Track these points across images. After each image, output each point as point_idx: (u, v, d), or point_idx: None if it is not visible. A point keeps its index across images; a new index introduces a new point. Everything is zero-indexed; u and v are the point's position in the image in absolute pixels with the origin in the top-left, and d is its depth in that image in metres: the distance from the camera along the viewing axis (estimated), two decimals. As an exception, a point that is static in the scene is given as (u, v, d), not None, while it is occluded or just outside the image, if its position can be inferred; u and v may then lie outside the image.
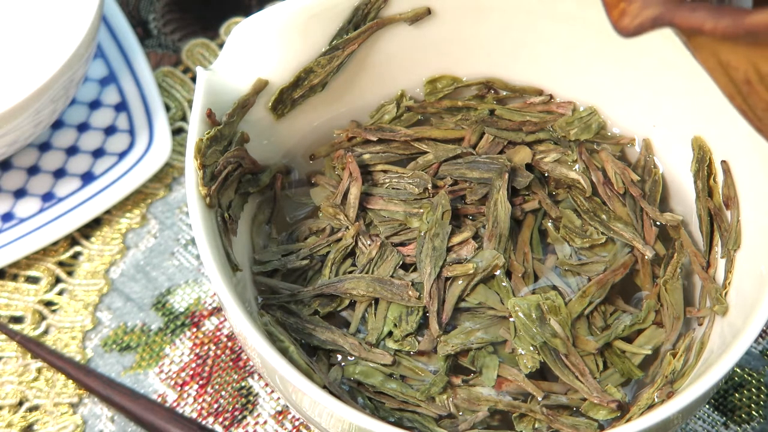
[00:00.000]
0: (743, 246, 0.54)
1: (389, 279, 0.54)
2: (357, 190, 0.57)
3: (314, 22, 0.58)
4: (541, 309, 0.53)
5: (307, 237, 0.57)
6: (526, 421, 0.52)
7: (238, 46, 0.56)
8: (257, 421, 0.60)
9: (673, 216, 0.57)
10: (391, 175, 0.59)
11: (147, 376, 0.62)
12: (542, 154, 0.59)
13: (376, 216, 0.57)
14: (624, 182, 0.58)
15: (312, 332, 0.53)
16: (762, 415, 0.60)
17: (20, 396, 0.61)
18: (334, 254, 0.56)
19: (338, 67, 0.59)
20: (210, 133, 0.53)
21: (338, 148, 0.60)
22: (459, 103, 0.61)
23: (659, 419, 0.45)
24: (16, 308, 0.64)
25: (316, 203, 0.59)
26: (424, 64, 0.62)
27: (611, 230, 0.57)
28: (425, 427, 0.51)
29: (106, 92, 0.70)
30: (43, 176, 0.67)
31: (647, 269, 0.56)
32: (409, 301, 0.54)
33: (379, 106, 0.61)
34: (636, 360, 0.53)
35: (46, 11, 0.69)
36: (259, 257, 0.56)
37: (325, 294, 0.55)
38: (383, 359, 0.53)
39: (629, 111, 0.60)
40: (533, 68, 0.61)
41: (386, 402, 0.52)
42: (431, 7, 0.59)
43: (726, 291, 0.53)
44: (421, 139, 0.60)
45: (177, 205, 0.68)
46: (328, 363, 0.53)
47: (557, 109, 0.60)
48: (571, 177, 0.58)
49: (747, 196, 0.54)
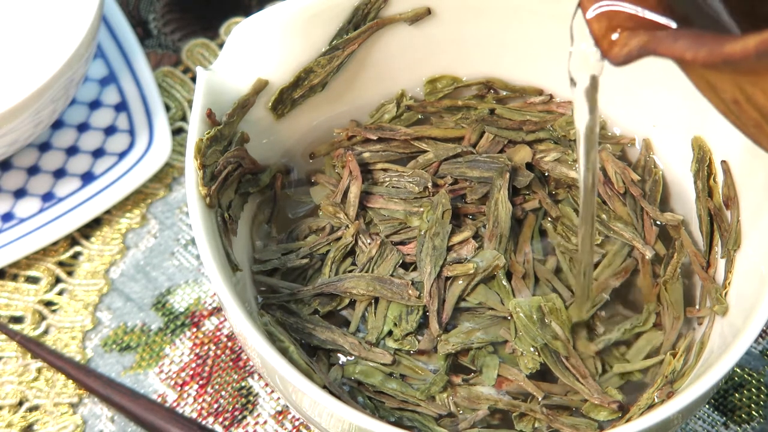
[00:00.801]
0: (743, 246, 0.54)
1: (389, 278, 0.54)
2: (357, 189, 0.57)
3: (314, 22, 0.58)
4: (542, 311, 0.53)
5: (307, 236, 0.57)
6: (526, 420, 0.52)
7: (238, 46, 0.56)
8: (257, 421, 0.60)
9: (673, 215, 0.57)
10: (391, 173, 0.59)
11: (147, 376, 0.62)
12: (542, 153, 0.59)
13: (376, 215, 0.57)
14: (624, 182, 0.58)
15: (312, 332, 0.53)
16: (762, 415, 0.60)
17: (20, 396, 0.61)
18: (334, 253, 0.56)
19: (338, 67, 0.59)
20: (210, 133, 0.53)
21: (338, 147, 0.60)
22: (459, 102, 0.61)
23: (659, 419, 0.45)
24: (16, 308, 0.64)
25: (315, 202, 0.59)
26: (424, 64, 0.62)
27: (611, 230, 0.57)
28: (425, 426, 0.51)
29: (106, 92, 0.70)
30: (43, 176, 0.67)
31: (647, 269, 0.56)
32: (409, 300, 0.54)
33: (379, 105, 0.62)
34: (636, 362, 0.53)
35: (46, 11, 0.69)
36: (259, 256, 0.56)
37: (325, 293, 0.55)
38: (383, 358, 0.53)
39: (629, 111, 0.60)
40: (533, 68, 0.61)
41: (386, 401, 0.52)
42: (431, 7, 0.59)
43: (726, 291, 0.53)
44: (421, 138, 0.60)
45: (177, 205, 0.68)
46: (328, 363, 0.53)
47: (557, 108, 0.61)
48: (571, 176, 0.58)
49: (747, 196, 0.54)
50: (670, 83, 0.57)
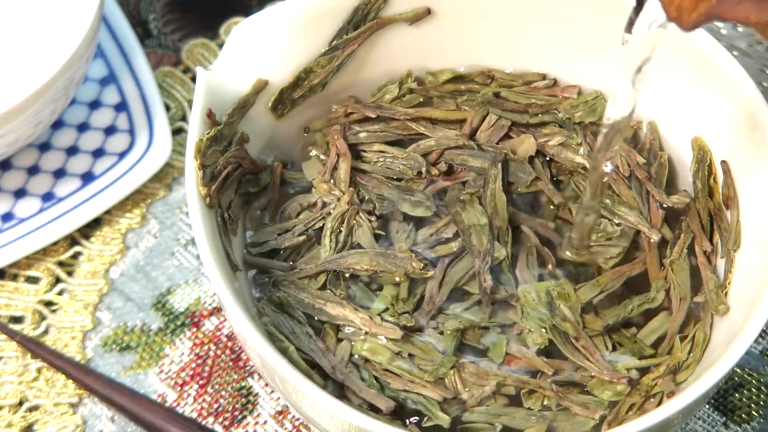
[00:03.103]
0: (743, 246, 0.54)
1: (392, 252, 0.54)
2: (347, 165, 0.57)
3: (314, 22, 0.58)
4: (551, 295, 0.53)
5: (300, 213, 0.57)
6: (535, 397, 0.51)
7: (238, 46, 0.56)
8: (257, 421, 0.60)
9: (679, 198, 0.57)
10: (386, 155, 0.58)
11: (147, 376, 0.62)
12: (547, 137, 0.59)
13: (368, 192, 0.57)
14: (630, 165, 0.58)
15: (323, 307, 0.53)
16: (762, 415, 0.60)
17: (20, 396, 0.61)
18: (331, 223, 0.55)
19: (338, 67, 0.59)
20: (210, 133, 0.53)
21: (335, 123, 0.60)
22: (462, 87, 0.61)
23: (659, 419, 0.45)
24: (16, 308, 0.64)
25: (308, 178, 0.58)
26: (423, 63, 0.61)
27: (615, 215, 0.56)
28: (428, 410, 0.51)
29: (106, 92, 0.70)
30: (43, 176, 0.67)
31: (654, 253, 0.56)
32: (413, 273, 0.54)
33: (381, 85, 0.61)
34: (648, 340, 0.53)
35: (46, 11, 0.69)
36: (254, 239, 0.56)
37: (328, 270, 0.54)
38: (393, 334, 0.52)
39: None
40: (535, 68, 0.61)
41: (392, 382, 0.52)
42: (431, 7, 0.59)
43: (726, 291, 0.53)
44: (420, 120, 0.59)
45: (177, 205, 0.68)
46: (336, 338, 0.53)
47: (562, 93, 0.60)
48: (576, 161, 0.58)
49: (747, 196, 0.54)
50: (670, 84, 0.58)
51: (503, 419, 0.51)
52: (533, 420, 0.51)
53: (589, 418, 0.51)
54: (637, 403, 0.51)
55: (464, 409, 0.51)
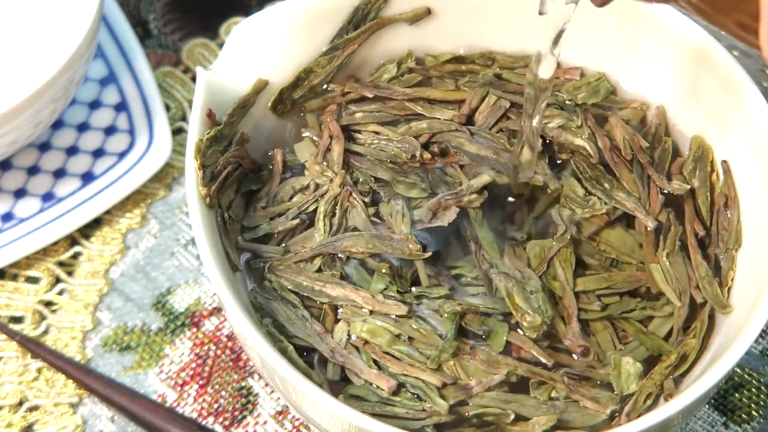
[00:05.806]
0: (744, 245, 0.54)
1: (388, 234, 0.54)
2: (340, 147, 0.57)
3: (314, 22, 0.58)
4: (552, 252, 0.54)
5: (293, 196, 0.57)
6: (544, 388, 0.51)
7: (238, 46, 0.56)
8: (257, 421, 0.60)
9: (680, 184, 0.56)
10: (381, 137, 0.58)
11: (147, 376, 0.62)
12: (547, 119, 0.58)
13: (362, 174, 0.57)
14: (633, 148, 0.57)
15: (322, 289, 0.53)
16: (762, 415, 0.60)
17: (20, 396, 0.61)
18: (324, 206, 0.55)
19: (338, 67, 0.59)
20: (210, 133, 0.53)
21: (331, 103, 0.59)
22: (462, 67, 0.60)
23: (659, 419, 0.45)
24: (16, 308, 0.64)
25: (300, 160, 0.58)
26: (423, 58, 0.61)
27: (613, 199, 0.56)
28: (426, 395, 0.51)
29: (106, 92, 0.70)
30: (43, 176, 0.67)
31: (649, 239, 0.55)
32: (410, 255, 0.53)
33: (379, 64, 0.61)
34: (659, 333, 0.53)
35: (46, 11, 0.69)
36: (247, 223, 0.56)
37: (323, 254, 0.54)
38: (398, 310, 0.52)
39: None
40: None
41: (391, 365, 0.51)
42: (431, 7, 0.59)
43: (727, 290, 0.53)
44: (418, 100, 0.59)
45: (177, 205, 0.68)
46: (334, 318, 0.53)
47: (563, 75, 0.60)
48: (576, 144, 0.58)
49: (747, 196, 0.54)
50: (671, 83, 0.58)
51: (513, 405, 0.51)
52: (544, 409, 0.51)
53: (600, 412, 0.50)
54: (654, 393, 0.50)
55: (469, 395, 0.51)
